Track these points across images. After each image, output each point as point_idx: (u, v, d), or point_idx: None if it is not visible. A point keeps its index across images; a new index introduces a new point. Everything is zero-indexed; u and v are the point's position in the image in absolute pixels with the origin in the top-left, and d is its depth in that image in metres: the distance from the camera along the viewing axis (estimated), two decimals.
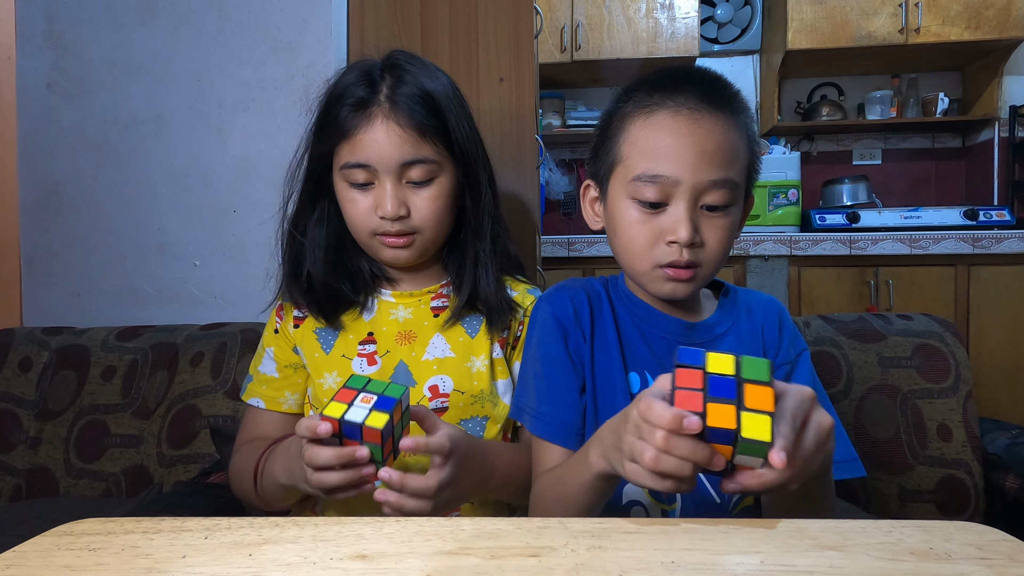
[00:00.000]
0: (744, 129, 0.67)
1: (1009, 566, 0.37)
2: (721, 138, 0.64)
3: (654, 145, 0.65)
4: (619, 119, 0.70)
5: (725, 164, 0.65)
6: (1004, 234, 2.20)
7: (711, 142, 0.64)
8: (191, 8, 1.33)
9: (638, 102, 0.68)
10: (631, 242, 0.68)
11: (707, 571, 0.37)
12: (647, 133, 0.66)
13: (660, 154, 0.65)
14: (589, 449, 0.58)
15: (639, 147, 0.66)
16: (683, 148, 0.64)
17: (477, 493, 0.74)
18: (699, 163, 0.64)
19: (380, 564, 0.39)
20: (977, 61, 2.71)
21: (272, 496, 0.76)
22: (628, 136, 0.68)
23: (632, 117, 0.68)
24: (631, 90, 0.70)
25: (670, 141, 0.64)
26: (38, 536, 0.44)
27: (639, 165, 0.66)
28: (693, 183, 0.64)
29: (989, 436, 1.08)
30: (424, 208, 0.79)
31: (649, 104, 0.67)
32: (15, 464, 1.13)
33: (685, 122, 0.64)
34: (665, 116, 0.65)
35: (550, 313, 0.74)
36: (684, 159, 0.64)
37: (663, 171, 0.64)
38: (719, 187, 0.65)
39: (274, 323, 0.88)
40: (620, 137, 0.69)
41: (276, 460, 0.73)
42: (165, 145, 1.35)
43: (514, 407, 0.78)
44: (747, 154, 0.68)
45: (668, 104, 0.66)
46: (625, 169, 0.68)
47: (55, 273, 1.39)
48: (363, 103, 0.76)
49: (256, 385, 0.87)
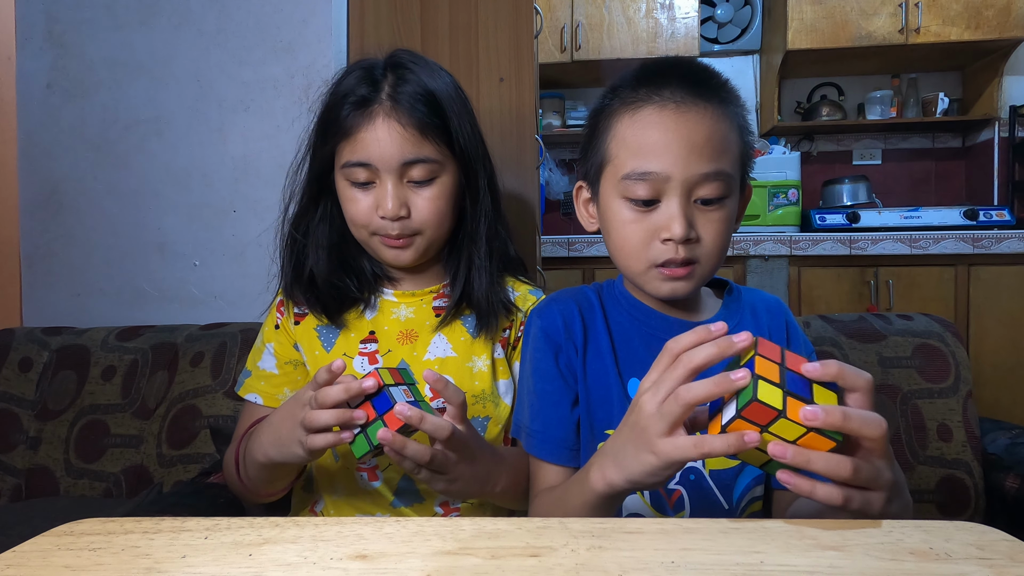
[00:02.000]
0: (734, 118, 0.65)
1: (1009, 566, 0.37)
2: (710, 129, 0.63)
3: (641, 142, 0.64)
4: (606, 117, 0.68)
5: (716, 156, 0.63)
6: (1004, 234, 2.20)
7: (700, 134, 0.62)
8: (191, 8, 1.33)
9: (623, 98, 0.66)
10: (625, 242, 0.67)
11: (707, 571, 0.37)
12: (634, 130, 0.65)
13: (648, 151, 0.63)
14: (590, 468, 0.56)
15: (627, 145, 0.65)
16: (671, 143, 0.62)
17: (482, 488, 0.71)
18: (689, 157, 0.62)
19: (380, 564, 0.39)
20: (977, 61, 2.72)
21: (256, 480, 0.74)
22: (615, 134, 0.66)
23: (618, 114, 0.66)
24: (616, 86, 0.68)
25: (657, 136, 0.63)
26: (38, 536, 0.43)
27: (628, 163, 0.64)
28: (684, 177, 0.62)
29: (989, 436, 1.08)
30: (425, 208, 0.78)
31: (635, 100, 0.65)
32: (15, 464, 1.13)
33: (672, 116, 0.63)
34: (651, 111, 0.64)
35: (540, 328, 0.73)
36: (673, 154, 0.62)
37: (652, 168, 0.63)
38: (711, 180, 0.63)
39: (275, 318, 0.87)
40: (607, 136, 0.67)
41: (261, 435, 0.71)
42: (165, 145, 1.35)
43: (513, 424, 0.77)
44: (739, 144, 0.66)
45: (654, 99, 0.64)
46: (614, 168, 0.66)
47: (55, 273, 1.39)
48: (365, 101, 0.76)
49: (254, 381, 0.86)
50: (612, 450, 0.54)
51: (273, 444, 0.68)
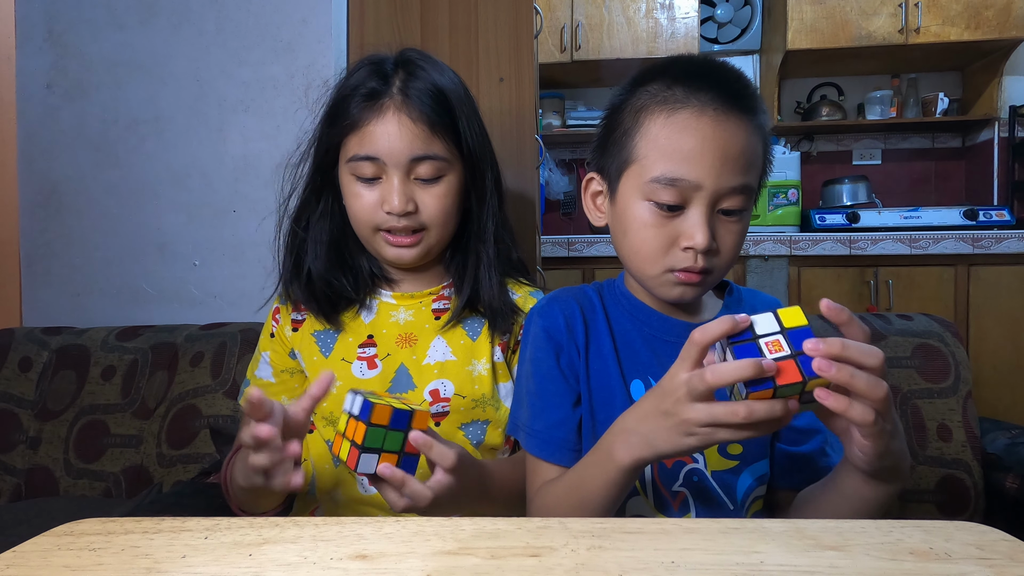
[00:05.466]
0: (762, 131, 0.65)
1: (1009, 566, 0.37)
2: (744, 142, 0.62)
3: (676, 146, 0.61)
4: (633, 112, 0.65)
5: (746, 169, 0.62)
6: (1004, 234, 2.20)
7: (735, 146, 0.61)
8: (191, 8, 1.33)
9: (655, 95, 0.64)
10: (644, 244, 0.65)
11: (707, 571, 0.37)
12: (668, 132, 0.62)
13: (682, 156, 0.61)
14: (612, 447, 0.57)
15: (659, 147, 0.62)
16: (707, 152, 0.61)
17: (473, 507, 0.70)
18: (722, 168, 0.61)
19: (380, 564, 0.39)
20: (977, 61, 2.71)
21: (243, 501, 0.74)
22: (646, 133, 0.63)
23: (650, 112, 0.63)
24: (645, 80, 0.66)
25: (694, 144, 0.61)
26: (38, 536, 0.43)
27: (658, 166, 0.62)
28: (714, 188, 0.61)
29: (989, 436, 1.08)
30: (432, 205, 0.78)
31: (670, 100, 0.63)
32: (15, 464, 1.13)
33: (710, 124, 0.61)
34: (689, 116, 0.61)
35: (542, 328, 0.72)
36: (707, 163, 0.61)
37: (684, 174, 0.61)
38: (738, 193, 0.62)
39: (270, 327, 0.87)
40: (636, 133, 0.64)
41: (237, 464, 0.71)
42: (165, 145, 1.35)
43: (510, 423, 0.76)
44: (763, 157, 0.66)
45: (692, 102, 0.62)
46: (641, 168, 0.64)
47: (55, 273, 1.39)
48: (375, 94, 0.75)
49: (252, 390, 0.86)
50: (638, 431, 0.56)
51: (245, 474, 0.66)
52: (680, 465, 0.69)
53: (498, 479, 0.74)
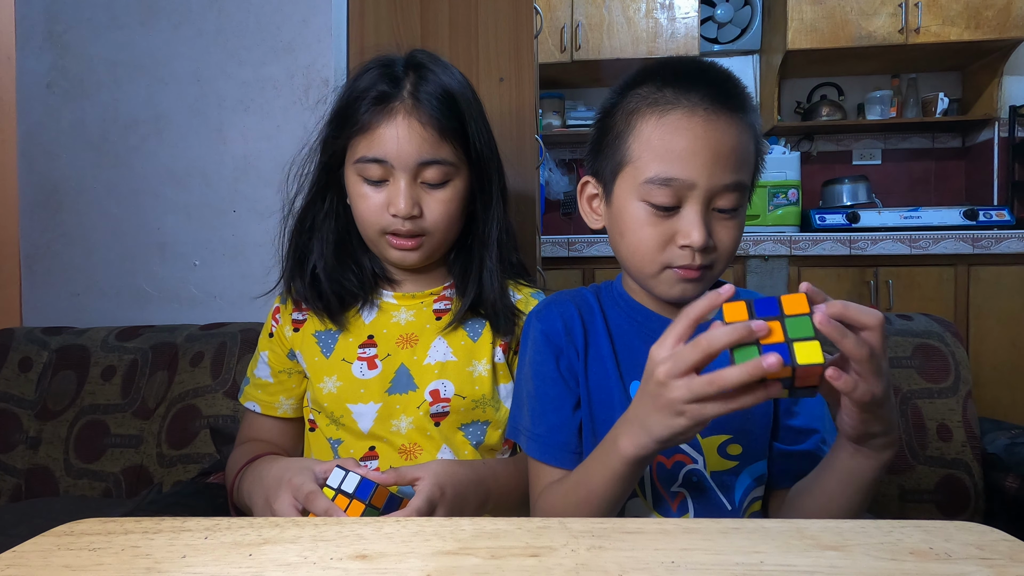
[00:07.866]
0: (752, 129, 0.65)
1: (1009, 566, 0.37)
2: (735, 140, 0.63)
3: (669, 146, 0.62)
4: (625, 115, 0.66)
5: (738, 167, 0.63)
6: (1004, 234, 2.20)
7: (726, 145, 0.62)
8: (191, 8, 1.33)
9: (646, 97, 0.65)
10: (641, 244, 0.66)
11: (707, 571, 0.37)
12: (660, 133, 0.63)
13: (675, 156, 0.62)
14: (617, 438, 0.57)
15: (652, 148, 0.63)
16: (699, 151, 0.62)
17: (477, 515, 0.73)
18: (714, 166, 0.62)
19: (380, 564, 0.39)
20: (977, 61, 2.71)
21: (245, 509, 0.75)
22: (639, 135, 0.64)
23: (642, 114, 0.64)
24: (635, 83, 0.66)
25: (686, 143, 0.62)
26: (38, 536, 0.43)
27: (651, 167, 0.63)
28: (708, 187, 0.62)
29: (989, 436, 1.08)
30: (437, 210, 0.78)
31: (661, 101, 0.64)
32: (15, 464, 1.13)
33: (701, 123, 0.62)
34: (680, 116, 0.62)
35: (540, 331, 0.72)
36: (700, 162, 0.61)
37: (677, 174, 0.62)
38: (732, 190, 0.63)
39: (269, 326, 0.87)
40: (629, 136, 0.65)
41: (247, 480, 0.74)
42: (165, 145, 1.35)
43: (510, 427, 0.76)
44: (755, 154, 0.67)
45: (683, 103, 0.63)
46: (635, 170, 0.65)
47: (55, 273, 1.39)
48: (386, 97, 0.75)
49: (252, 389, 0.87)
50: (636, 419, 0.56)
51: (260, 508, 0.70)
52: (680, 465, 0.69)
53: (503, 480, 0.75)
